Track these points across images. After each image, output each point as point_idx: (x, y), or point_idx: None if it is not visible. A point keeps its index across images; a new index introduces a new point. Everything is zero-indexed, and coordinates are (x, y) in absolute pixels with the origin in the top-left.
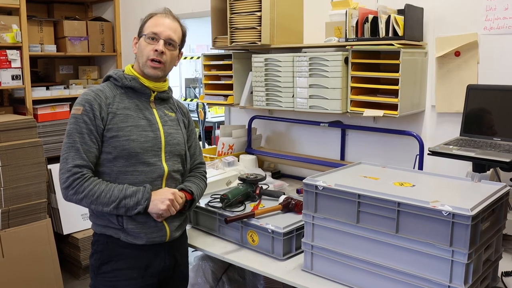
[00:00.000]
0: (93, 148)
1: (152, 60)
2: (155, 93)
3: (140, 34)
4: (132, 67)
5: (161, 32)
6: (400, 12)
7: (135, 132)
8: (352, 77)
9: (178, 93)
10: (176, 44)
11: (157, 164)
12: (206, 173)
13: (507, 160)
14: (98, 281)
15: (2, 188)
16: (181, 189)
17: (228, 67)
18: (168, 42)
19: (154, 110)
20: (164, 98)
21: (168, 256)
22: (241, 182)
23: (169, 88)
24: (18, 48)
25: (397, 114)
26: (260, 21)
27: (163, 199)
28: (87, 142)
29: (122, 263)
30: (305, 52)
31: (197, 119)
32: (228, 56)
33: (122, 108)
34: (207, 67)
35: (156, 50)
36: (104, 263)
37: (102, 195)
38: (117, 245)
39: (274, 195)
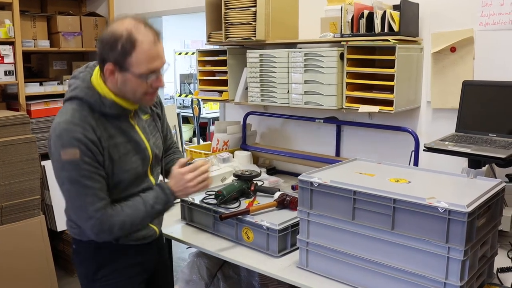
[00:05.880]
0: (104, 182)
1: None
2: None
3: (124, 69)
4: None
5: (160, 67)
6: (395, 7)
7: (126, 161)
8: (347, 73)
9: (173, 89)
10: None
11: (145, 181)
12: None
13: (503, 156)
14: (97, 286)
15: None
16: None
17: (223, 63)
18: None
19: (136, 127)
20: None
21: (156, 249)
22: (236, 179)
23: None
24: (11, 43)
25: (392, 110)
26: (255, 16)
27: (185, 187)
28: (100, 180)
29: (119, 263)
30: (300, 48)
31: (191, 115)
32: (223, 52)
33: (107, 137)
34: (202, 62)
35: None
36: (101, 267)
37: (133, 218)
38: (109, 248)
39: (269, 191)
